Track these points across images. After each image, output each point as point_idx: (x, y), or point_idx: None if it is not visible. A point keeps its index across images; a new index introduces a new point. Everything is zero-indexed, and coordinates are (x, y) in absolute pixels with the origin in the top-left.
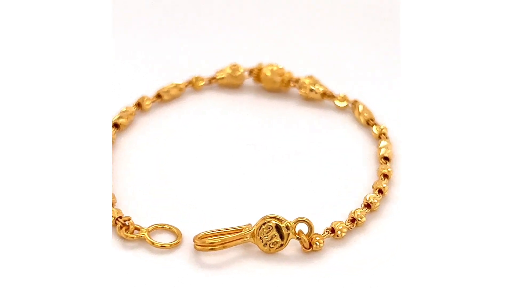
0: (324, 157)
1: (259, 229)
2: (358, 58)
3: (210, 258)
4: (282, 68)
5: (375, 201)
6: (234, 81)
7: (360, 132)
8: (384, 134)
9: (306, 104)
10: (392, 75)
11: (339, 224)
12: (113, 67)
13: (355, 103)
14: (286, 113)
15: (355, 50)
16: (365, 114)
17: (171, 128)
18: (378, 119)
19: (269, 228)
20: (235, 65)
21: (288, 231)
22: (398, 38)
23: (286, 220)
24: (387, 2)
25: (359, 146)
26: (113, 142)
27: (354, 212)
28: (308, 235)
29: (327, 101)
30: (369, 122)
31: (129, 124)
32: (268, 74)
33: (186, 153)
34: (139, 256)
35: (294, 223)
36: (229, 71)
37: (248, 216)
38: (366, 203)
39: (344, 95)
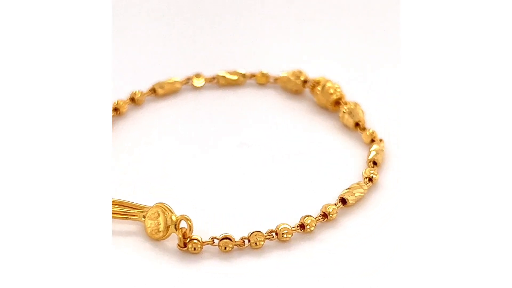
0: (314, 178)
1: (150, 213)
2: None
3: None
4: (335, 88)
5: (286, 232)
6: (293, 87)
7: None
8: (370, 179)
9: (342, 130)
10: (392, 74)
11: (227, 239)
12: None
13: (375, 141)
14: (315, 135)
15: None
16: (371, 155)
17: (190, 113)
18: (382, 166)
19: (157, 215)
20: (300, 71)
21: (172, 223)
22: (398, 38)
23: (173, 213)
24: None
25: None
26: (140, 104)
27: (253, 234)
28: (187, 235)
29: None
30: (369, 164)
31: (167, 93)
32: (319, 89)
33: (192, 144)
34: None
35: (178, 219)
36: (291, 77)
37: (244, 213)
38: (274, 231)
39: (373, 131)
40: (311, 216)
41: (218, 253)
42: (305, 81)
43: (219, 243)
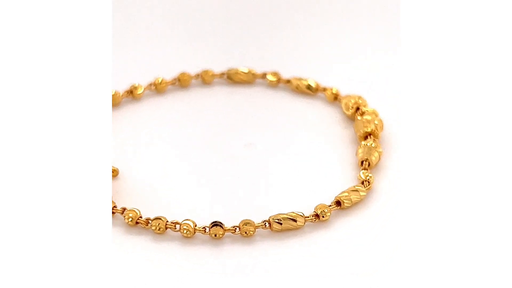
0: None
1: None
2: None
3: None
4: (370, 121)
5: (186, 227)
6: (347, 111)
7: None
8: (317, 215)
9: (352, 165)
10: (393, 73)
11: (131, 212)
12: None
13: (363, 184)
14: (321, 164)
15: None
16: (340, 195)
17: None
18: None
19: None
20: (359, 97)
21: None
22: (398, 38)
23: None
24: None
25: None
26: (209, 83)
27: (156, 219)
28: None
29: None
30: (332, 202)
31: (239, 81)
32: (358, 118)
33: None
34: None
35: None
36: (349, 101)
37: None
38: (179, 223)
39: (368, 175)
40: (221, 224)
41: (126, 225)
42: (357, 108)
43: (123, 212)
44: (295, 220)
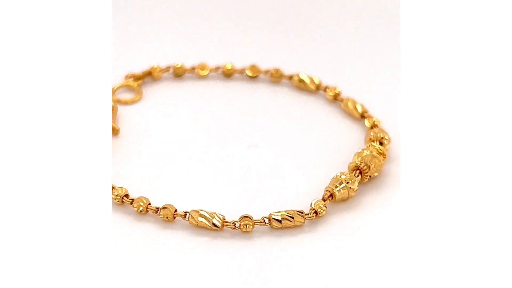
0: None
1: None
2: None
3: None
4: (368, 156)
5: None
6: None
7: None
8: (261, 221)
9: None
10: (392, 76)
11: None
12: None
13: (317, 212)
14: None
15: (357, 51)
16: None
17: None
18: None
19: None
20: (383, 133)
21: None
22: (398, 39)
23: None
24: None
25: None
26: (277, 81)
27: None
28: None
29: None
30: (269, 216)
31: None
32: (359, 149)
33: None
34: None
35: None
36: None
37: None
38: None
39: (318, 206)
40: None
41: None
42: (372, 140)
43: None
44: (212, 222)
